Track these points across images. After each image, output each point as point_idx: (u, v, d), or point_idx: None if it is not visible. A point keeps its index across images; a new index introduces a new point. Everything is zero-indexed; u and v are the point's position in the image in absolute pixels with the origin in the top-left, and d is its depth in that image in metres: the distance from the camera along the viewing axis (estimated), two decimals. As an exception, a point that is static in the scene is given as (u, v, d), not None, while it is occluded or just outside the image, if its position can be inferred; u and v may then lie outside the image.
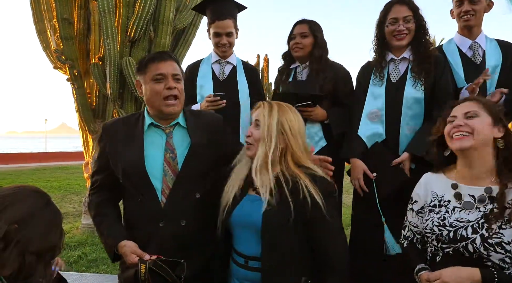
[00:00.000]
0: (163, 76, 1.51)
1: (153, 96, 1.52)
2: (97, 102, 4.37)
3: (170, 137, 1.57)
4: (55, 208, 1.10)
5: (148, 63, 1.53)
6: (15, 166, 14.74)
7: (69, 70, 4.19)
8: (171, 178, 1.53)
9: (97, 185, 1.60)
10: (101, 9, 3.58)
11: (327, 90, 2.24)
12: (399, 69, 2.08)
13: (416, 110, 1.97)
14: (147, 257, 1.42)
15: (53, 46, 4.28)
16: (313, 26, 2.28)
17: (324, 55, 2.32)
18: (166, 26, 3.87)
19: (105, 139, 1.60)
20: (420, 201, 1.47)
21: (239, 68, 2.49)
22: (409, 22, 1.98)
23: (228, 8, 2.39)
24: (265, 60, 13.88)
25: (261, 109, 1.40)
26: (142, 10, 3.63)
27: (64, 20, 3.99)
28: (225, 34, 2.36)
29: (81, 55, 4.24)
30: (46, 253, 1.02)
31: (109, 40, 3.65)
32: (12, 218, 0.96)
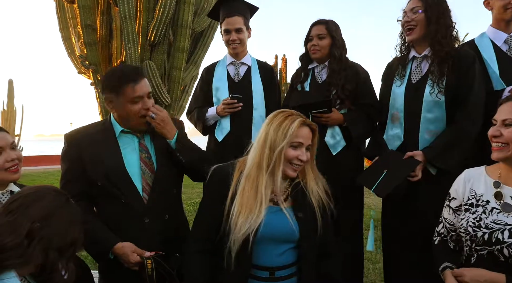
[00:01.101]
0: (140, 97, 1.55)
1: (130, 115, 1.58)
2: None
3: (143, 139, 1.66)
4: (74, 205, 1.15)
5: (123, 85, 1.53)
6: (43, 167, 15.28)
7: (93, 74, 4.32)
8: (149, 175, 1.60)
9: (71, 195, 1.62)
10: (122, 15, 3.67)
11: (347, 90, 2.22)
12: (421, 68, 1.95)
13: (436, 114, 1.87)
14: (148, 254, 1.49)
15: (78, 52, 4.42)
16: (330, 27, 2.26)
17: (343, 55, 2.30)
18: (185, 29, 3.93)
19: (74, 148, 1.62)
20: (459, 198, 1.41)
21: (254, 68, 2.50)
22: (416, 13, 1.86)
23: (237, 6, 2.42)
24: (283, 60, 13.84)
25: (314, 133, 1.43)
26: (161, 14, 3.70)
27: (87, 27, 4.11)
28: (234, 30, 2.38)
29: (104, 60, 4.36)
30: (67, 248, 1.07)
31: (130, 44, 3.74)
32: (34, 217, 1.01)
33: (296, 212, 1.32)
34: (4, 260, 0.96)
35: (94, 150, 1.60)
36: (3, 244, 0.96)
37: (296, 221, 1.31)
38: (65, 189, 1.61)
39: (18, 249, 0.98)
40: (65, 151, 1.65)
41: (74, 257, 1.17)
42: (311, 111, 2.10)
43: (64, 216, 1.08)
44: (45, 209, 1.05)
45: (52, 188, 1.14)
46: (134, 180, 1.57)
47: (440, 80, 1.85)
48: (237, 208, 1.34)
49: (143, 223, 1.57)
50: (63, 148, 1.66)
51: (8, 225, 0.99)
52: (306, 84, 2.36)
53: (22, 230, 0.99)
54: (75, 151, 1.62)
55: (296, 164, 1.37)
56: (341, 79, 2.22)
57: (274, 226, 1.33)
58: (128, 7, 3.67)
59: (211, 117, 2.39)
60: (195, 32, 4.21)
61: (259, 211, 1.30)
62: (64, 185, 1.63)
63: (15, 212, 1.02)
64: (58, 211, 1.07)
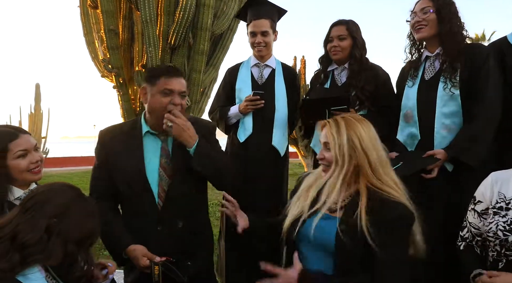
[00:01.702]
0: (171, 91, 1.57)
1: (157, 108, 1.58)
2: (140, 108, 4.58)
3: (165, 143, 1.65)
4: (87, 198, 1.19)
5: (160, 76, 1.58)
6: (68, 168, 15.76)
7: (115, 78, 4.43)
8: (167, 181, 1.60)
9: (96, 196, 1.65)
10: (143, 19, 3.75)
11: (367, 91, 2.19)
12: (434, 66, 1.95)
13: (451, 108, 1.85)
14: (158, 259, 1.49)
15: (101, 56, 4.54)
16: (351, 27, 2.23)
17: (363, 56, 2.27)
18: (205, 32, 3.97)
19: (103, 147, 1.67)
20: (485, 201, 1.37)
21: (278, 71, 2.51)
22: (427, 13, 1.86)
23: (265, 9, 2.42)
24: (302, 62, 13.76)
25: (328, 129, 1.32)
26: (181, 18, 3.75)
27: (110, 31, 4.22)
28: (260, 33, 2.39)
29: (126, 64, 4.46)
30: (85, 240, 1.11)
31: (151, 48, 3.81)
32: (50, 213, 1.05)
33: (341, 224, 1.26)
34: (28, 257, 1.00)
35: (119, 151, 1.63)
36: (24, 241, 1.00)
37: (337, 232, 1.25)
38: (93, 185, 1.68)
39: (39, 245, 1.02)
40: (96, 149, 1.73)
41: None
42: (330, 108, 2.09)
43: (79, 210, 1.11)
44: (60, 204, 1.09)
45: (64, 184, 1.18)
46: (151, 186, 1.58)
47: (453, 76, 1.84)
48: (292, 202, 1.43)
49: (156, 230, 1.58)
50: (96, 145, 1.73)
51: (27, 223, 1.03)
52: (326, 86, 2.34)
53: (40, 226, 1.03)
54: (103, 151, 1.67)
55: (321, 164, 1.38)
56: (361, 81, 2.19)
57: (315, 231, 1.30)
58: (149, 11, 3.74)
59: (233, 116, 2.40)
60: (215, 35, 4.25)
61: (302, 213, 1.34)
62: (92, 181, 1.69)
63: (32, 210, 1.06)
64: (72, 205, 1.11)
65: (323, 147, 1.36)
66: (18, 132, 1.43)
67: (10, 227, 1.03)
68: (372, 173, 1.27)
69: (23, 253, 1.00)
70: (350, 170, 1.28)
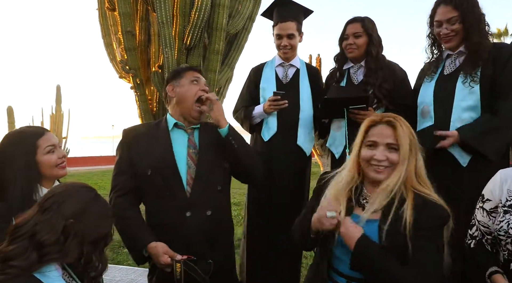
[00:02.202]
0: (198, 80, 1.71)
1: (188, 95, 1.67)
2: (157, 108, 4.64)
3: (192, 136, 1.72)
4: (103, 199, 1.21)
5: (185, 71, 1.74)
6: (88, 168, 16.13)
7: (133, 79, 4.50)
8: (194, 170, 1.65)
9: (119, 188, 1.69)
10: (159, 20, 3.80)
11: (385, 89, 2.16)
12: (455, 63, 1.94)
13: (470, 102, 1.81)
14: (179, 257, 1.50)
15: (118, 57, 4.63)
16: (366, 24, 2.20)
17: (380, 53, 2.24)
18: (220, 32, 3.99)
19: (127, 143, 1.72)
20: (494, 199, 1.34)
21: (302, 71, 2.51)
22: (455, 23, 1.84)
23: (291, 11, 2.42)
24: (317, 60, 13.67)
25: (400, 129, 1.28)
26: (197, 18, 3.78)
27: (127, 33, 4.29)
28: (286, 36, 2.40)
29: (143, 65, 4.53)
30: (100, 241, 1.13)
31: (167, 49, 3.86)
32: (67, 214, 1.08)
33: (381, 224, 1.25)
34: (44, 256, 1.03)
35: (145, 142, 1.68)
36: (42, 241, 1.03)
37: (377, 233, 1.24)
38: (114, 180, 1.70)
39: (56, 245, 1.04)
40: (119, 144, 1.77)
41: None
42: (348, 107, 2.07)
43: (95, 211, 1.13)
44: (77, 205, 1.10)
45: (81, 184, 1.20)
46: (180, 172, 1.63)
47: (474, 71, 1.82)
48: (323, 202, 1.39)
49: (184, 216, 1.61)
50: (119, 142, 1.79)
51: (45, 222, 1.05)
52: (342, 85, 2.31)
53: (58, 227, 1.05)
54: (126, 144, 1.72)
55: (374, 165, 1.30)
56: (378, 79, 2.16)
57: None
58: (166, 12, 3.78)
59: (257, 115, 2.40)
60: (230, 35, 4.26)
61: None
62: (114, 176, 1.71)
63: (50, 210, 1.08)
64: (89, 206, 1.12)
65: (385, 147, 1.29)
66: (43, 130, 1.49)
67: (29, 226, 1.05)
68: (415, 174, 1.28)
69: (41, 252, 1.02)
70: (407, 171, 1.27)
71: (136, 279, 3.17)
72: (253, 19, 4.38)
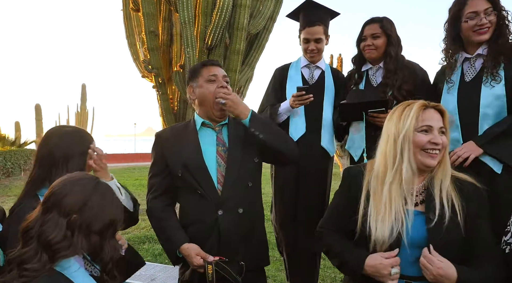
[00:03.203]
0: (216, 77, 1.67)
1: (207, 95, 1.66)
2: (178, 107, 4.71)
3: (220, 134, 1.71)
4: (104, 186, 1.18)
5: (200, 68, 1.70)
6: (110, 165, 16.55)
7: (155, 78, 4.58)
8: (224, 167, 1.64)
9: (155, 189, 1.71)
10: (182, 20, 3.85)
11: (404, 91, 2.11)
12: (475, 67, 1.84)
13: (496, 109, 1.74)
14: (211, 258, 1.50)
15: (142, 57, 4.72)
16: (385, 25, 2.14)
17: (399, 53, 2.18)
18: (241, 32, 4.01)
19: (159, 145, 1.74)
20: None
21: (327, 73, 2.50)
22: (491, 14, 1.78)
23: (319, 14, 2.39)
24: (338, 60, 13.52)
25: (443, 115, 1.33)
26: (218, 18, 3.81)
27: (151, 33, 4.37)
28: (314, 40, 2.38)
29: (165, 64, 4.60)
30: (107, 229, 1.12)
31: (189, 48, 3.90)
32: (69, 210, 1.08)
33: (427, 214, 1.23)
34: (55, 254, 1.04)
35: (175, 142, 1.70)
36: (49, 241, 1.03)
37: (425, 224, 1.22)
38: (150, 182, 1.74)
39: (65, 241, 1.05)
40: (152, 147, 1.80)
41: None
42: (368, 110, 2.03)
43: (96, 201, 1.11)
44: (77, 199, 1.09)
45: (80, 175, 1.17)
46: (210, 171, 1.62)
47: (495, 70, 1.74)
48: (372, 210, 1.30)
49: (216, 215, 1.61)
50: (153, 144, 1.80)
51: (49, 222, 1.06)
52: (360, 87, 2.27)
53: (61, 224, 1.05)
54: (159, 146, 1.74)
55: (431, 149, 1.25)
56: (398, 80, 2.10)
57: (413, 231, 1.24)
58: (188, 12, 3.83)
59: (284, 111, 2.36)
60: (251, 35, 4.27)
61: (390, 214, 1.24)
62: (150, 178, 1.75)
63: (51, 209, 1.08)
64: (90, 198, 1.10)
65: (437, 131, 1.28)
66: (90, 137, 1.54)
67: (36, 228, 1.06)
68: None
69: (50, 251, 1.03)
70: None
71: (155, 274, 3.23)
72: (274, 19, 4.38)
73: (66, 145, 1.41)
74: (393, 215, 1.24)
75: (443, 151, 1.28)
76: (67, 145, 1.42)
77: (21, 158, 12.85)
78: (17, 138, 16.61)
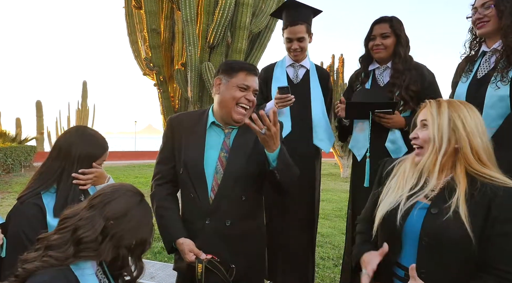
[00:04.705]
0: (247, 87, 1.60)
1: (229, 100, 1.59)
2: (180, 105, 4.71)
3: (228, 138, 1.64)
4: (147, 206, 1.20)
5: (240, 70, 1.60)
6: (111, 162, 16.54)
7: (156, 76, 4.57)
8: (221, 175, 1.59)
9: (160, 176, 1.70)
10: (184, 18, 3.84)
11: (412, 92, 2.10)
12: (489, 62, 1.81)
13: (499, 110, 1.71)
14: (203, 256, 1.48)
15: (143, 55, 4.71)
16: (394, 25, 2.12)
17: (407, 54, 2.18)
18: (243, 31, 4.00)
19: (171, 132, 1.70)
20: None
21: (312, 71, 2.49)
22: (489, 8, 1.75)
23: (301, 13, 2.39)
24: (340, 60, 13.50)
25: (428, 109, 1.28)
26: (221, 17, 3.80)
27: (152, 31, 4.36)
28: (297, 39, 2.38)
29: (166, 62, 4.60)
30: (137, 247, 1.14)
31: (191, 47, 3.90)
32: (109, 215, 1.09)
33: (432, 207, 1.20)
34: (80, 252, 1.05)
35: (184, 136, 1.66)
36: (81, 237, 1.04)
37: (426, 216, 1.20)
38: (156, 168, 1.72)
39: (93, 244, 1.05)
40: (164, 131, 1.78)
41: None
42: (374, 110, 2.02)
43: (136, 217, 1.13)
44: (119, 208, 1.11)
45: (129, 187, 1.20)
46: (207, 177, 1.59)
47: (505, 70, 1.70)
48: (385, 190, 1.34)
49: (204, 223, 1.59)
50: (164, 129, 1.79)
51: (88, 219, 1.08)
52: (367, 86, 2.26)
53: (98, 226, 1.07)
54: (170, 133, 1.71)
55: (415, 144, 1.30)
56: (406, 80, 2.09)
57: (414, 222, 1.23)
58: (190, 10, 3.82)
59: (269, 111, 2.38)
60: (252, 34, 4.26)
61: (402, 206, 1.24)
62: (157, 164, 1.73)
63: (95, 208, 1.10)
64: (131, 211, 1.12)
65: (420, 125, 1.29)
66: (107, 144, 1.58)
67: (74, 219, 1.08)
68: (474, 157, 1.21)
69: (78, 247, 1.04)
70: (448, 152, 1.22)
71: (155, 272, 3.23)
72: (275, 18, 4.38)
73: (83, 146, 1.46)
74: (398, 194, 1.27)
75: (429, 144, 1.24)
76: (83, 145, 1.46)
77: (22, 154, 12.85)
78: (18, 134, 16.62)
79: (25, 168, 13.00)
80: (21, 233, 1.24)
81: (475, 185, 1.18)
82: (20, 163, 12.72)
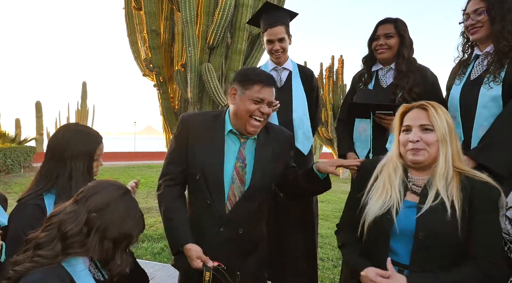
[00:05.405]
0: (262, 100, 1.58)
1: (243, 112, 1.57)
2: (179, 106, 4.71)
3: (243, 147, 1.64)
4: (131, 200, 1.20)
5: (256, 83, 1.58)
6: (110, 163, 16.53)
7: (156, 77, 4.58)
8: (238, 185, 1.60)
9: (170, 178, 1.66)
10: (184, 19, 3.84)
11: (415, 93, 2.11)
12: (482, 65, 1.86)
13: (492, 110, 1.75)
14: (210, 263, 1.49)
15: (143, 56, 4.72)
16: (399, 26, 2.13)
17: (411, 55, 2.18)
18: (242, 32, 4.00)
19: (186, 132, 1.65)
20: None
21: (294, 73, 2.53)
22: (481, 14, 1.79)
23: (278, 15, 2.46)
24: (339, 61, 13.52)
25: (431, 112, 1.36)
26: (220, 18, 3.80)
27: (152, 32, 4.37)
28: (277, 40, 2.42)
29: (166, 63, 4.60)
30: (121, 240, 1.14)
31: (190, 48, 3.90)
32: (91, 207, 1.10)
33: (419, 204, 1.28)
34: (68, 248, 1.05)
35: (201, 141, 1.63)
36: (66, 231, 1.05)
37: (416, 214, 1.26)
38: (166, 168, 1.68)
39: (79, 237, 1.06)
40: (176, 132, 1.72)
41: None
42: (375, 111, 2.03)
43: (119, 209, 1.13)
44: (101, 200, 1.12)
45: (113, 182, 1.21)
46: (225, 185, 1.59)
47: (497, 72, 1.74)
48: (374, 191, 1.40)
49: (218, 230, 1.59)
50: (176, 129, 1.73)
51: (72, 213, 1.09)
52: (370, 87, 2.27)
53: (81, 219, 1.08)
54: (185, 134, 1.66)
55: (411, 148, 1.35)
56: (409, 82, 2.09)
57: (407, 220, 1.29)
58: (190, 11, 3.83)
59: None
60: (252, 35, 4.27)
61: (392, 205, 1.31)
62: (167, 164, 1.69)
63: (79, 202, 1.11)
64: (113, 203, 1.13)
65: (419, 129, 1.35)
66: (101, 136, 1.55)
67: (60, 216, 1.09)
68: (458, 156, 1.34)
69: (65, 243, 1.05)
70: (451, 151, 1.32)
71: (154, 273, 3.23)
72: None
73: (74, 143, 1.45)
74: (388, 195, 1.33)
75: (433, 146, 1.32)
76: (74, 142, 1.45)
77: (21, 155, 12.83)
78: (17, 135, 16.59)
79: (25, 168, 12.99)
80: (21, 233, 1.25)
81: (458, 180, 1.28)
82: (20, 163, 12.70)
